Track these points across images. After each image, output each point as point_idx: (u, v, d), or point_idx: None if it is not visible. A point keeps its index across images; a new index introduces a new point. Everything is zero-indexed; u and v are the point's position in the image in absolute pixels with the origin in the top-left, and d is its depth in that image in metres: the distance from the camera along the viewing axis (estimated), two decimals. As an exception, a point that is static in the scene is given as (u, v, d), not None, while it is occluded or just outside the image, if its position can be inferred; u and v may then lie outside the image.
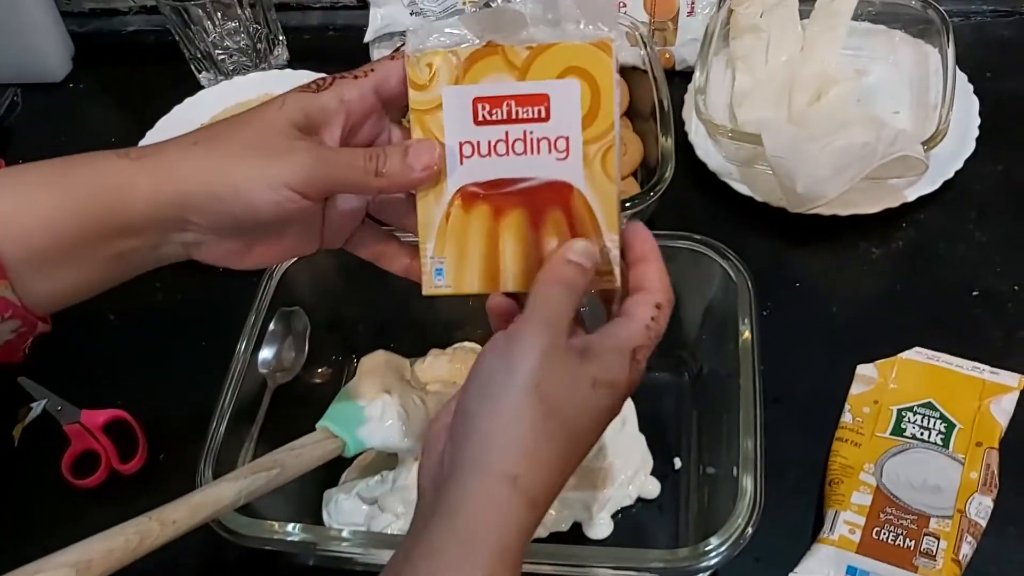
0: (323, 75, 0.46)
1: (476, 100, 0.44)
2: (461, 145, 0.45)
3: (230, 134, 0.44)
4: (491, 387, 0.40)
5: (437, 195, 0.46)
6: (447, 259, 0.46)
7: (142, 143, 0.93)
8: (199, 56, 1.01)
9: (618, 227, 0.45)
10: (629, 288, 0.45)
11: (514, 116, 0.44)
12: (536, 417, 0.39)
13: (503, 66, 0.44)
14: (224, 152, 0.43)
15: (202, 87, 1.00)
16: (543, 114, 0.44)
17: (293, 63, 1.04)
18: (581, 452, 0.41)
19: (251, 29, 1.00)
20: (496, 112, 0.44)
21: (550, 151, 0.44)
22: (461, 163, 0.45)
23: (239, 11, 0.98)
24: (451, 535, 0.37)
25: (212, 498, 0.51)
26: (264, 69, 1.01)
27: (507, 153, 0.45)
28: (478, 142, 0.45)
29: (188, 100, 0.97)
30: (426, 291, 0.47)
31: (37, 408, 0.73)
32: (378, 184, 0.44)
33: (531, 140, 0.44)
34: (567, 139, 0.44)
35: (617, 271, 0.45)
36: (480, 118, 0.44)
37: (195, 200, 0.43)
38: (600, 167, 0.44)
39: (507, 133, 0.44)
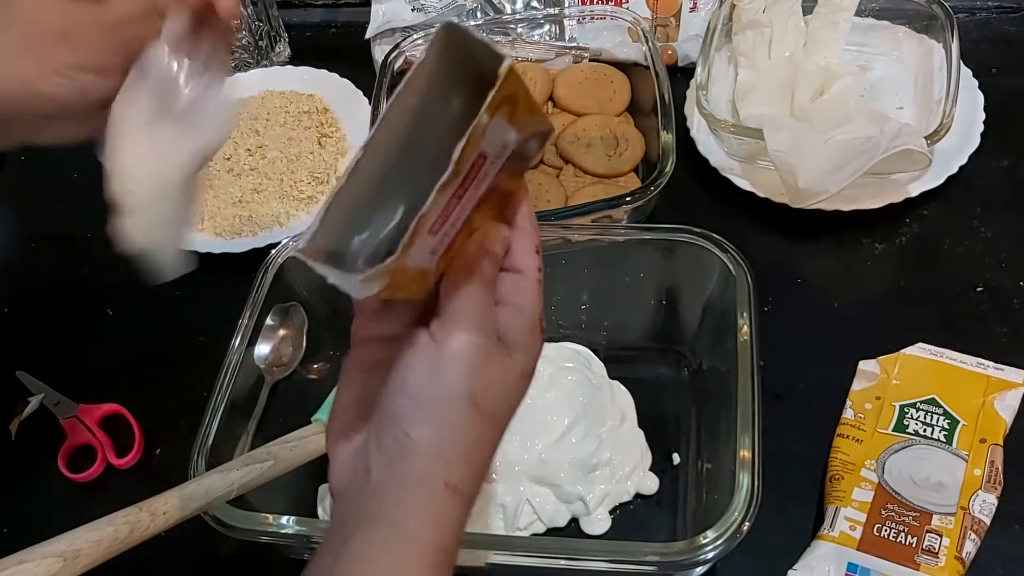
0: None
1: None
2: (432, 252, 0.38)
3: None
4: (424, 400, 0.38)
5: (424, 281, 0.39)
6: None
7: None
8: (201, 53, 1.00)
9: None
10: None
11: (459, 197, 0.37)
12: (473, 429, 0.39)
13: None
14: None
15: (204, 84, 1.00)
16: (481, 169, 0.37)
17: (295, 60, 1.03)
18: (501, 438, 0.42)
19: (253, 26, 1.00)
20: (443, 224, 0.37)
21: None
22: (432, 252, 0.38)
23: (242, 8, 0.98)
24: (393, 540, 0.37)
25: (203, 489, 0.51)
26: (266, 66, 1.01)
27: (457, 207, 0.37)
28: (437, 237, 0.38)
29: (189, 97, 0.97)
30: None
31: (34, 402, 0.73)
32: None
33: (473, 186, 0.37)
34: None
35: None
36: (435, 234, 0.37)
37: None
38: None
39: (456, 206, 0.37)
